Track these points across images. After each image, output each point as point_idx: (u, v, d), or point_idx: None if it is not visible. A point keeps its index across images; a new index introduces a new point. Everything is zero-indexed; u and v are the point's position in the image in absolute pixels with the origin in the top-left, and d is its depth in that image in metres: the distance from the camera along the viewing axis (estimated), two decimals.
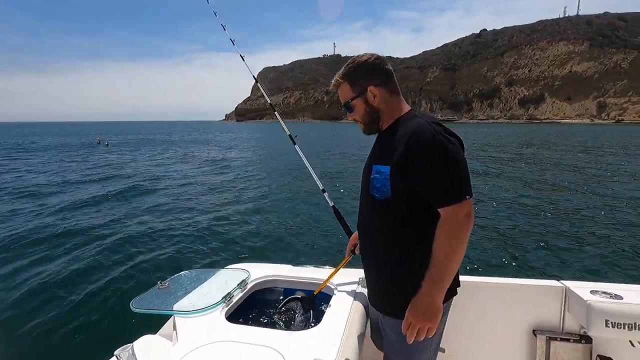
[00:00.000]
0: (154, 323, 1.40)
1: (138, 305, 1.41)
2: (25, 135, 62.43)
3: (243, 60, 2.56)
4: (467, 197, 1.06)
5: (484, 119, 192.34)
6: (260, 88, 2.46)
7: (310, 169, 2.17)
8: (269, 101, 2.53)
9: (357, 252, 1.56)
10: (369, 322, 1.51)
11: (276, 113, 2.44)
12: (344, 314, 1.42)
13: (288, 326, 1.52)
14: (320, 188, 2.14)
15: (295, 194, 9.66)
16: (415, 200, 1.12)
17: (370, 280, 1.35)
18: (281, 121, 2.40)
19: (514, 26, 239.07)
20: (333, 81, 1.28)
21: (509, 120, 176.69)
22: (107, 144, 33.35)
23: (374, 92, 1.21)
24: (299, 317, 1.51)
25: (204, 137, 51.61)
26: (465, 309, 1.70)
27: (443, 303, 1.15)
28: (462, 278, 1.66)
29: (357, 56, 1.24)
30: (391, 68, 1.25)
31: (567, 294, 1.64)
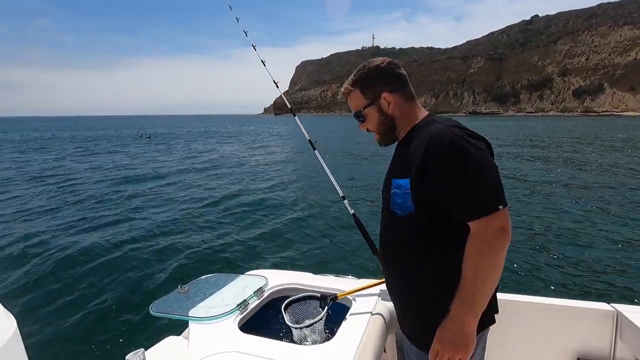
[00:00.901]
0: (176, 326, 1.42)
1: (157, 309, 1.43)
2: (75, 129, 67.59)
3: (263, 63, 2.50)
4: (499, 207, 0.92)
5: (533, 112, 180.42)
6: (281, 93, 2.42)
7: (330, 175, 2.08)
8: (288, 105, 2.43)
9: None
10: (388, 340, 1.43)
11: (296, 119, 2.34)
12: (359, 329, 1.35)
13: (300, 338, 1.45)
14: (340, 195, 2.05)
15: (319, 199, 9.53)
16: (440, 214, 1.02)
17: (395, 303, 1.25)
18: (301, 126, 2.28)
19: (570, 10, 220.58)
20: (343, 89, 1.20)
21: (561, 113, 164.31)
22: (149, 137, 35.91)
23: (388, 99, 1.14)
24: (311, 318, 1.44)
25: (237, 129, 52.98)
26: (501, 331, 1.56)
27: (477, 332, 1.01)
28: (499, 296, 1.61)
29: (368, 61, 1.17)
30: (405, 72, 1.17)
31: (619, 319, 1.48)
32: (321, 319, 1.43)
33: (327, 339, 1.33)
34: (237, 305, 1.47)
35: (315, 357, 1.18)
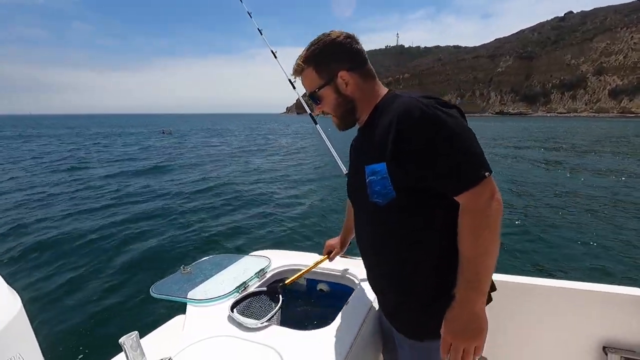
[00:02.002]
0: (179, 308, 1.41)
1: (157, 291, 1.42)
2: (117, 125, 70.21)
3: (275, 57, 2.44)
4: (485, 174, 0.85)
5: (564, 113, 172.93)
6: (279, 64, 2.32)
7: (333, 152, 1.96)
8: (304, 105, 2.34)
9: (333, 256, 1.56)
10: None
11: (300, 98, 2.24)
12: (360, 315, 1.28)
13: (299, 323, 1.40)
14: (344, 172, 1.90)
15: (323, 178, 9.81)
16: (426, 193, 0.92)
17: (385, 297, 1.14)
18: (303, 102, 2.14)
19: (608, 6, 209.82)
20: (295, 65, 1.06)
21: (596, 114, 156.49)
22: (171, 132, 39.01)
23: (345, 78, 1.02)
24: (267, 311, 1.36)
25: (258, 126, 53.91)
26: (520, 315, 1.51)
27: None
28: (517, 279, 1.46)
29: (323, 34, 1.04)
30: (363, 48, 1.06)
31: None
32: (280, 307, 1.38)
33: (326, 322, 1.27)
34: (236, 288, 1.44)
35: (309, 343, 1.14)
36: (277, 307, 1.35)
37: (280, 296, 1.42)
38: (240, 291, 1.44)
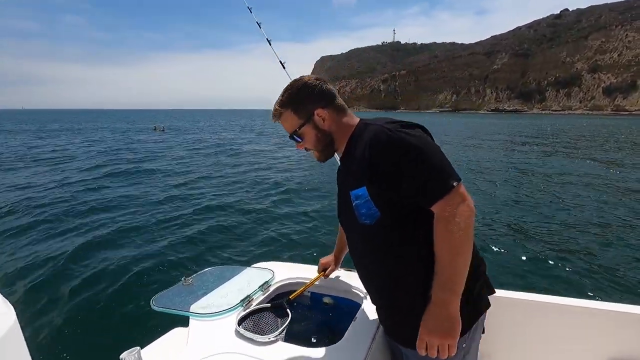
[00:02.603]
0: (178, 320, 1.38)
1: (158, 304, 1.38)
2: (100, 121, 69.04)
3: (270, 44, 2.44)
4: (453, 184, 0.93)
5: (559, 110, 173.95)
6: (287, 74, 2.07)
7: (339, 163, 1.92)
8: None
9: (328, 273, 1.59)
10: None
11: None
12: (369, 331, 1.27)
13: (302, 337, 1.39)
14: None
15: (328, 187, 9.52)
16: (407, 207, 1.01)
17: (384, 312, 1.20)
18: None
19: (604, 4, 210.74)
20: (273, 111, 1.16)
21: (590, 112, 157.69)
22: (163, 129, 37.12)
23: (322, 114, 1.12)
24: (276, 326, 1.36)
25: (251, 123, 53.29)
26: (528, 334, 1.51)
27: (472, 324, 1.05)
28: (525, 296, 1.48)
29: (293, 80, 1.16)
30: (331, 87, 1.17)
31: None
32: (288, 321, 1.36)
33: (335, 339, 1.26)
34: (241, 301, 1.42)
35: None
36: (286, 322, 1.33)
37: (289, 311, 1.40)
38: (244, 305, 1.42)
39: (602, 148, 19.56)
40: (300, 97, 1.12)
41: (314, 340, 1.42)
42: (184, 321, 1.32)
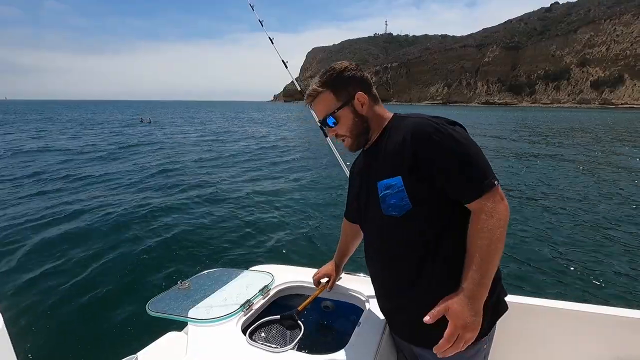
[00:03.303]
0: (174, 324, 1.34)
1: (154, 308, 1.35)
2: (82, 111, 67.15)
3: (272, 43, 2.43)
4: (495, 182, 0.95)
5: (548, 103, 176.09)
6: (288, 73, 2.37)
7: (344, 167, 1.96)
8: (298, 88, 2.34)
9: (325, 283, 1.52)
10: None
11: (295, 82, 2.33)
12: (375, 335, 1.25)
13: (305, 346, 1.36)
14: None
15: (332, 190, 9.52)
16: (440, 203, 1.01)
17: (402, 312, 1.16)
18: (313, 112, 2.21)
19: None
20: (310, 91, 1.13)
21: (578, 105, 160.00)
22: (150, 121, 35.91)
23: (362, 99, 1.10)
24: (288, 339, 1.32)
25: (245, 116, 52.59)
26: (531, 337, 1.49)
27: (493, 325, 1.06)
28: (527, 300, 1.47)
29: (335, 63, 1.14)
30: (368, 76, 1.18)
31: None
32: (301, 335, 1.31)
33: (338, 345, 1.24)
34: (241, 306, 1.38)
35: None
36: (299, 336, 1.28)
37: (301, 323, 1.36)
38: (245, 309, 1.39)
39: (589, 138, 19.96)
40: (342, 79, 1.10)
41: (317, 347, 1.40)
42: (177, 325, 1.29)
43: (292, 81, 2.49)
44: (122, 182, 9.87)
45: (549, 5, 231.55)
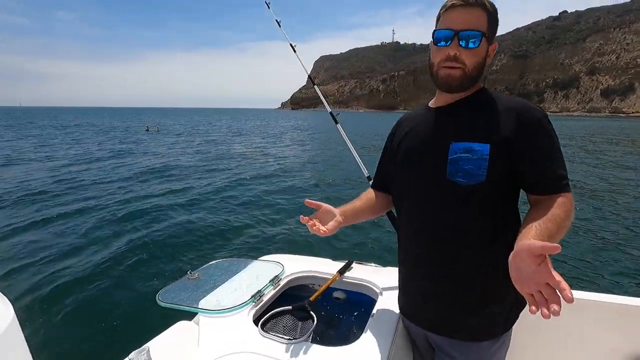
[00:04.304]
0: (185, 314, 1.35)
1: (164, 298, 1.35)
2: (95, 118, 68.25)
3: (293, 48, 2.42)
4: (570, 187, 0.93)
5: (557, 112, 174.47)
6: (297, 57, 2.35)
7: (354, 152, 1.93)
8: (313, 83, 2.31)
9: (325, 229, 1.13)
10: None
11: (316, 87, 2.23)
12: (390, 326, 1.21)
13: (321, 337, 1.35)
14: (366, 175, 1.88)
15: (341, 180, 9.50)
16: (508, 190, 0.97)
17: (439, 297, 1.06)
18: (321, 95, 2.16)
19: (602, 6, 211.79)
20: None
21: (588, 114, 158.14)
22: (157, 129, 34.04)
23: (493, 51, 1.03)
24: (300, 330, 1.29)
25: (251, 123, 53.07)
26: (548, 329, 1.46)
27: (515, 320, 1.04)
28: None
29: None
30: None
31: None
32: (314, 326, 1.28)
33: (351, 337, 1.22)
34: (252, 297, 1.37)
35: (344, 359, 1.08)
36: (312, 327, 1.26)
37: (313, 314, 1.34)
38: (256, 300, 1.38)
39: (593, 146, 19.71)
40: (497, 19, 1.01)
41: (328, 338, 1.38)
42: (187, 315, 1.30)
43: (305, 71, 2.43)
44: (130, 177, 10.12)
45: (557, 14, 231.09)
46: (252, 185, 9.40)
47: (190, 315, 1.31)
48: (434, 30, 1.00)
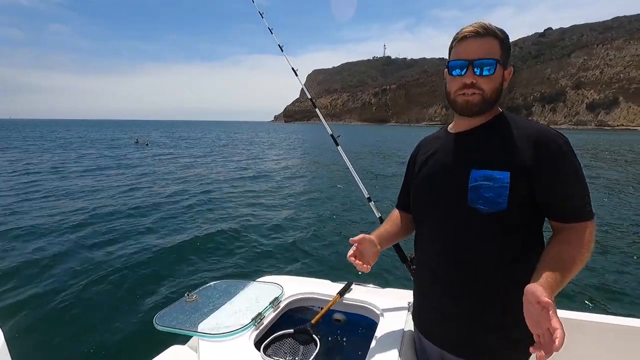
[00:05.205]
0: (181, 336, 1.31)
1: (162, 323, 1.30)
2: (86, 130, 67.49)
3: (295, 72, 2.49)
4: (593, 214, 0.93)
5: (546, 125, 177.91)
6: (300, 82, 2.42)
7: (354, 173, 1.95)
8: (309, 96, 2.39)
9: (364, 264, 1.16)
10: None
11: (317, 110, 2.26)
12: (393, 348, 1.18)
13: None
14: (366, 196, 1.91)
15: (338, 200, 9.41)
16: (530, 215, 0.97)
17: (460, 317, 1.06)
18: (322, 119, 2.18)
19: (585, 24, 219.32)
20: (483, 25, 0.98)
21: (575, 126, 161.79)
22: (147, 143, 32.45)
23: (508, 76, 1.04)
24: (302, 353, 1.26)
25: (246, 137, 53.06)
26: (569, 355, 1.39)
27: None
28: (566, 314, 1.42)
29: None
30: None
31: None
32: (317, 350, 1.25)
33: (354, 358, 1.19)
34: (252, 320, 1.33)
35: None
36: (315, 352, 1.23)
37: (316, 337, 1.30)
38: (256, 323, 1.34)
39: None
40: (508, 46, 1.03)
41: None
42: (180, 338, 1.24)
43: (302, 87, 2.50)
44: (123, 192, 9.89)
45: (542, 31, 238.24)
46: (242, 202, 9.22)
47: (184, 339, 1.26)
48: (448, 61, 1.02)
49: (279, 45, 2.47)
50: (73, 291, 4.17)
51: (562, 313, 1.40)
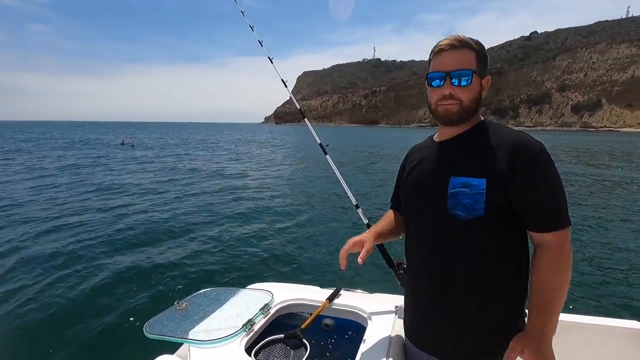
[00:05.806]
0: (170, 344, 1.32)
1: (152, 330, 1.31)
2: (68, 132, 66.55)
3: (284, 84, 2.56)
4: (570, 222, 0.95)
5: (532, 126, 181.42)
6: (289, 92, 2.54)
7: (342, 182, 1.98)
8: (298, 106, 2.45)
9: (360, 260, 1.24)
10: None
11: (306, 120, 2.32)
12: (381, 353, 1.21)
13: None
14: (354, 203, 1.94)
15: (327, 207, 9.39)
16: (508, 222, 0.99)
17: (442, 323, 1.08)
18: (311, 128, 2.23)
19: (568, 28, 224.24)
20: (458, 37, 1.03)
21: (560, 128, 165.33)
22: (133, 144, 33.14)
23: (487, 84, 1.08)
24: (292, 358, 1.28)
25: (235, 137, 52.74)
26: (561, 356, 1.43)
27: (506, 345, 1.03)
28: (567, 317, 1.43)
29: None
30: None
31: None
32: (307, 354, 1.28)
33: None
34: (243, 326, 1.34)
35: None
36: (305, 356, 1.25)
37: (306, 341, 1.31)
38: (247, 329, 1.35)
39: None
40: (485, 56, 1.06)
41: None
42: (169, 348, 1.24)
43: (290, 97, 2.65)
44: (109, 199, 9.61)
45: (528, 34, 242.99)
46: (230, 209, 9.08)
47: (172, 349, 1.27)
48: (427, 74, 1.07)
49: (268, 57, 2.54)
50: (58, 300, 4.07)
51: (566, 317, 1.40)
